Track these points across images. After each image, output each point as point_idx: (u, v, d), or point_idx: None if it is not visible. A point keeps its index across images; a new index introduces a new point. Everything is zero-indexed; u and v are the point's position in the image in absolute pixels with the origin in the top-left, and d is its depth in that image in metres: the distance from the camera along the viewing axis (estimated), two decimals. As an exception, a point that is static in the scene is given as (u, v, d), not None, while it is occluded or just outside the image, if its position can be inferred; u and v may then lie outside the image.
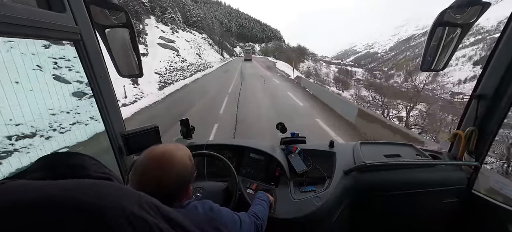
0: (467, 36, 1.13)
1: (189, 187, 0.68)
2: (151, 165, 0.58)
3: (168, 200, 0.52)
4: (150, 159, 0.59)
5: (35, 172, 0.42)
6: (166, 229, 0.41)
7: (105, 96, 1.12)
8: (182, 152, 0.65)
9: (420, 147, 1.56)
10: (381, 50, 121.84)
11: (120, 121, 1.25)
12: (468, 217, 1.40)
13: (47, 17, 0.79)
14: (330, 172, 1.42)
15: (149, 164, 0.59)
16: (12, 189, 0.34)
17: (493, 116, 1.20)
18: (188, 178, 0.65)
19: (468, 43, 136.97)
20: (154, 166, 0.58)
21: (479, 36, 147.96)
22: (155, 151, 0.61)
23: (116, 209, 0.36)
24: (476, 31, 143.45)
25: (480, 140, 1.27)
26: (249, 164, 1.49)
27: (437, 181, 1.37)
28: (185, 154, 0.65)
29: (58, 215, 0.32)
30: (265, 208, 0.98)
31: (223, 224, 0.62)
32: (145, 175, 0.57)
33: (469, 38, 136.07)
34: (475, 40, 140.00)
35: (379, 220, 1.48)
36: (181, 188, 0.63)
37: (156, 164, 0.58)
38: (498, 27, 42.73)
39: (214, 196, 1.06)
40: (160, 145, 0.64)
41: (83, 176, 0.42)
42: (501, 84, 1.14)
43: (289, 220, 1.17)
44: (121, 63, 1.12)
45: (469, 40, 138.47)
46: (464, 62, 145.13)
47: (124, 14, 1.02)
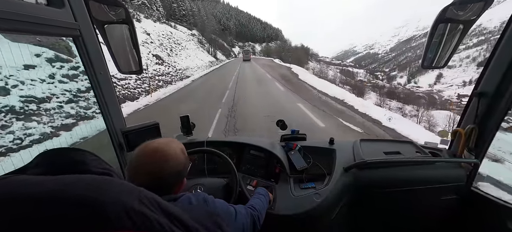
0: (470, 37, 1.13)
1: (183, 180, 0.69)
2: (145, 159, 0.60)
3: (162, 194, 0.52)
4: (144, 154, 0.61)
5: (36, 168, 0.42)
6: (166, 224, 0.41)
7: (105, 92, 1.11)
8: (175, 145, 0.66)
9: (420, 144, 1.57)
10: (381, 51, 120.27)
11: (120, 118, 1.24)
12: (467, 214, 1.41)
13: (46, 13, 0.79)
14: (330, 169, 1.42)
15: (143, 159, 0.60)
16: (14, 184, 0.34)
17: (494, 114, 1.20)
18: (182, 172, 0.67)
19: (471, 44, 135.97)
20: (148, 160, 0.60)
21: (482, 37, 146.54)
22: (149, 146, 0.62)
23: (116, 204, 0.36)
24: (479, 32, 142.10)
25: (480, 137, 1.27)
26: (249, 161, 1.50)
27: (437, 178, 1.37)
28: (178, 148, 0.66)
29: (59, 210, 0.33)
30: (263, 202, 0.99)
31: (218, 215, 0.62)
32: (139, 170, 0.59)
33: (472, 39, 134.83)
34: (478, 41, 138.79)
35: (379, 216, 1.49)
36: (175, 182, 0.65)
37: (150, 158, 0.60)
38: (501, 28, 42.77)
39: (214, 193, 1.06)
40: (154, 140, 0.65)
41: (84, 171, 0.42)
42: (502, 82, 1.14)
43: (289, 216, 1.18)
44: (120, 60, 1.11)
45: (472, 41, 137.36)
46: (468, 63, 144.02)
47: (123, 10, 1.01)
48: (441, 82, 40.25)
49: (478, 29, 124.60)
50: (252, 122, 6.17)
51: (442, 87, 54.82)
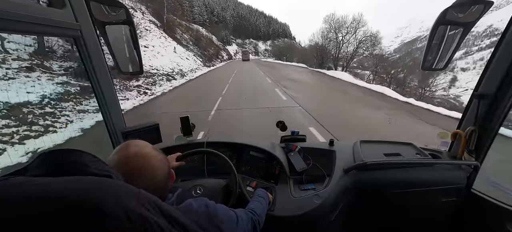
0: (482, 38, 1.12)
1: (166, 185, 0.64)
2: (119, 169, 0.52)
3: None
4: (118, 161, 0.55)
5: (36, 169, 0.42)
6: (166, 226, 0.41)
7: (106, 93, 1.12)
8: (145, 152, 0.57)
9: (420, 146, 1.57)
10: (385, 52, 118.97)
11: (120, 118, 1.24)
12: (467, 216, 1.41)
13: (47, 13, 0.79)
14: (329, 170, 1.42)
15: (118, 168, 0.53)
16: (14, 185, 0.34)
17: (494, 116, 1.20)
18: (162, 182, 0.60)
19: (484, 45, 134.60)
20: (122, 169, 0.52)
21: (494, 38, 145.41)
22: (120, 153, 0.56)
23: (116, 206, 0.36)
24: (491, 33, 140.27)
25: (480, 139, 1.27)
26: (249, 162, 1.49)
27: (437, 180, 1.37)
28: (149, 155, 0.58)
29: (59, 211, 0.33)
30: (263, 205, 0.98)
31: (219, 219, 0.62)
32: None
33: (484, 40, 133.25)
34: (491, 42, 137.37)
35: (378, 218, 1.49)
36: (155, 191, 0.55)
37: (123, 168, 0.53)
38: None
39: (214, 194, 1.07)
40: (127, 145, 0.58)
41: (84, 173, 0.42)
42: (502, 84, 1.14)
43: (288, 218, 1.17)
44: (121, 60, 1.12)
45: (485, 42, 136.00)
46: (482, 66, 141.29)
47: (124, 11, 1.01)
48: (456, 86, 38.15)
49: (489, 30, 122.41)
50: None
51: (458, 92, 52.46)
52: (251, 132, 5.13)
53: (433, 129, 5.70)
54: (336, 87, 12.77)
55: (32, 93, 5.89)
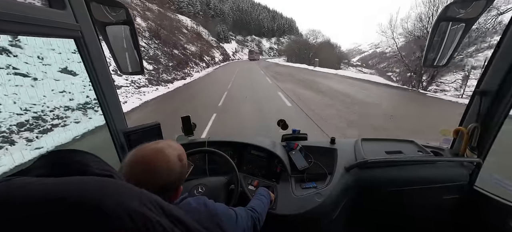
0: (491, 35, 1.09)
1: (179, 188, 0.64)
2: (131, 169, 0.55)
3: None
4: (134, 162, 0.56)
5: (38, 169, 0.42)
6: (168, 226, 0.41)
7: (107, 93, 1.12)
8: (169, 152, 0.59)
9: (422, 143, 1.56)
10: (389, 50, 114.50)
11: (121, 119, 1.25)
12: (469, 213, 1.40)
13: (47, 14, 0.79)
14: (331, 168, 1.42)
15: (129, 169, 0.55)
16: (17, 186, 0.34)
17: (496, 112, 1.20)
18: (176, 181, 0.60)
19: (494, 42, 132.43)
20: (135, 170, 0.55)
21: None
22: (140, 152, 0.57)
23: (118, 206, 0.36)
24: (501, 29, 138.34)
25: (483, 136, 1.26)
26: (251, 161, 1.50)
27: (439, 178, 1.37)
28: (173, 154, 0.60)
29: (61, 211, 0.33)
30: (264, 203, 0.99)
31: (219, 216, 0.62)
32: (130, 179, 0.53)
33: (494, 37, 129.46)
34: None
35: (380, 216, 1.48)
36: (168, 191, 0.59)
37: (141, 168, 0.55)
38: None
39: (215, 193, 1.07)
40: (148, 145, 0.59)
41: (86, 173, 0.42)
42: (505, 81, 1.13)
43: (290, 216, 1.18)
44: (122, 60, 1.12)
45: (495, 38, 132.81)
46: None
47: (124, 11, 1.01)
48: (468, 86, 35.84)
49: (499, 27, 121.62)
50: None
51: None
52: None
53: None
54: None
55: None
